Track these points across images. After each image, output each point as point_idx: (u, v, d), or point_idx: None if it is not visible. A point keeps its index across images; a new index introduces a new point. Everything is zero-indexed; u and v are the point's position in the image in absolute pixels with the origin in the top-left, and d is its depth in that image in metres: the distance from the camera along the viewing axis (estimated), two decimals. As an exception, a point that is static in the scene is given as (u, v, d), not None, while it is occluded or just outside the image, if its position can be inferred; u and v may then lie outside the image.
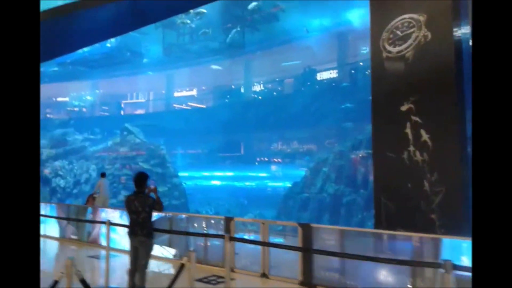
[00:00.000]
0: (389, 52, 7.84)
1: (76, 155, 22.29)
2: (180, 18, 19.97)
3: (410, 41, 7.45)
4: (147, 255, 4.89)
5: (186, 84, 26.66)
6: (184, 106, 27.18)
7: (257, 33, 21.76)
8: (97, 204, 11.32)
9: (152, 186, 5.13)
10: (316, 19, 22.97)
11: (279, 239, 7.56)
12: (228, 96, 25.61)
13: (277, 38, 22.97)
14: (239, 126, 23.23)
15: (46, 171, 24.08)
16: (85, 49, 24.41)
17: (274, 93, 26.03)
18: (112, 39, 24.21)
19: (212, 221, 7.38)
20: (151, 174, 18.48)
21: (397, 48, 7.75)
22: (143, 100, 29.48)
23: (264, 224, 6.10)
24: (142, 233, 4.84)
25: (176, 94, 28.01)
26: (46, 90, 29.33)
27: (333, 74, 25.33)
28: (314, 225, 5.69)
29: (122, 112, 27.94)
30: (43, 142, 24.81)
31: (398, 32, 7.70)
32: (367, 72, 24.05)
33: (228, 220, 6.66)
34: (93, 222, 8.14)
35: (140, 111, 27.96)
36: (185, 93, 28.05)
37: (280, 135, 24.62)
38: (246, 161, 24.17)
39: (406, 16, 7.45)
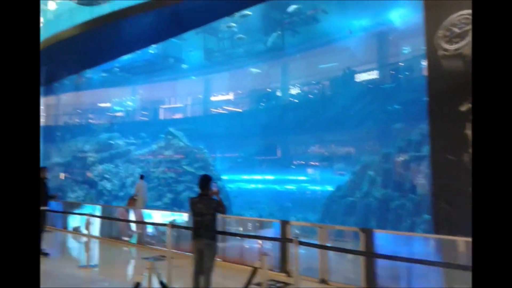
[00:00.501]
0: (446, 50, 7.58)
1: (122, 158, 23.04)
2: (225, 22, 20.19)
3: (468, 38, 7.14)
4: (213, 257, 4.92)
5: (224, 88, 26.92)
6: (220, 110, 27.50)
7: (296, 35, 21.66)
8: (138, 206, 11.77)
9: (214, 189, 5.17)
10: (356, 19, 22.57)
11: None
12: (265, 100, 25.65)
13: (317, 40, 22.76)
14: (277, 129, 23.17)
15: (89, 173, 25.14)
16: (129, 56, 25.34)
17: (310, 96, 25.79)
18: (154, 46, 24.95)
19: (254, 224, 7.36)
20: (195, 177, 18.81)
21: (455, 46, 7.47)
22: (181, 105, 30.10)
23: (322, 228, 6.00)
24: (207, 236, 4.88)
25: (213, 98, 28.41)
26: (90, 96, 30.84)
27: (373, 75, 24.82)
28: (376, 230, 5.52)
29: (162, 117, 28.61)
30: (88, 147, 25.92)
31: (455, 29, 7.42)
32: (407, 73, 23.59)
33: (284, 223, 6.61)
34: (155, 224, 8.28)
35: (179, 115, 28.56)
36: (222, 97, 28.38)
37: (319, 138, 24.33)
38: (284, 164, 24.08)
39: (464, 12, 7.17)
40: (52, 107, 32.94)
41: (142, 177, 13.44)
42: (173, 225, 6.50)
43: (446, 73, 7.49)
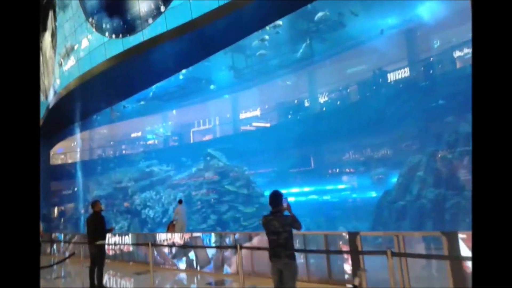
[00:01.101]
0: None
1: (162, 185, 23.30)
2: (253, 38, 20.21)
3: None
4: (294, 278, 4.67)
5: (255, 104, 26.92)
6: (253, 126, 27.50)
7: (324, 42, 21.49)
8: (177, 230, 11.73)
9: (285, 204, 4.96)
10: (382, 19, 22.19)
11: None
12: (296, 110, 25.42)
13: (344, 45, 22.50)
14: (312, 139, 22.84)
15: (126, 203, 25.54)
16: (159, 83, 25.91)
17: (339, 102, 25.35)
18: (184, 71, 25.41)
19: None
20: (237, 196, 18.72)
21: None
22: (214, 125, 30.35)
23: (398, 237, 5.65)
24: (286, 255, 4.64)
25: (245, 115, 28.46)
26: (125, 127, 31.65)
27: (404, 73, 24.22)
28: (461, 233, 5.11)
29: (197, 139, 28.87)
30: (128, 177, 26.39)
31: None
32: (439, 66, 22.84)
33: (353, 235, 6.30)
34: (222, 247, 8.06)
35: (213, 136, 28.76)
36: (253, 113, 28.40)
37: (355, 144, 23.74)
38: (322, 174, 23.64)
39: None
40: (89, 141, 34.11)
41: (180, 201, 13.55)
42: (241, 247, 6.30)
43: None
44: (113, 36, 17.75)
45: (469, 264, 4.98)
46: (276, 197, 4.84)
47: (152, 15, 14.90)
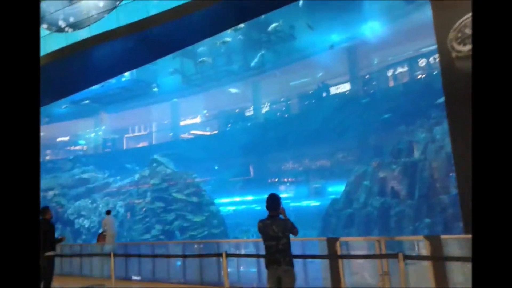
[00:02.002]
0: (459, 51, 7.68)
1: (99, 193, 21.76)
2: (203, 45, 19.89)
3: (481, 39, 7.29)
4: (293, 285, 4.49)
5: (202, 110, 26.41)
6: (187, 135, 26.90)
7: (275, 53, 21.83)
8: (107, 241, 11.63)
9: (280, 208, 4.78)
10: (329, 34, 23.18)
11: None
12: (240, 120, 25.45)
13: (292, 56, 23.06)
14: (253, 149, 23.01)
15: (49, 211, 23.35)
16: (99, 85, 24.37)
17: (281, 113, 25.88)
18: (127, 74, 24.20)
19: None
20: (186, 204, 18.05)
21: (468, 47, 7.57)
22: (145, 132, 29.09)
23: (380, 242, 5.74)
24: (285, 261, 4.44)
25: (192, 121, 27.82)
26: (58, 130, 29.22)
27: (346, 87, 25.52)
28: (444, 236, 5.30)
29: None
30: (59, 183, 24.30)
31: (467, 31, 7.56)
32: (374, 83, 24.46)
33: (332, 241, 6.30)
34: (208, 256, 7.47)
35: (143, 144, 27.49)
36: (199, 120, 27.90)
37: (300, 154, 24.32)
38: (264, 183, 23.85)
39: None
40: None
41: (108, 212, 13.33)
42: (227, 254, 5.95)
43: (461, 75, 7.60)
44: (54, 30, 16.32)
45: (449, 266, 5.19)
46: (275, 200, 4.64)
47: (103, 10, 13.94)
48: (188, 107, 26.55)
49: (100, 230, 12.99)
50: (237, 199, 21.74)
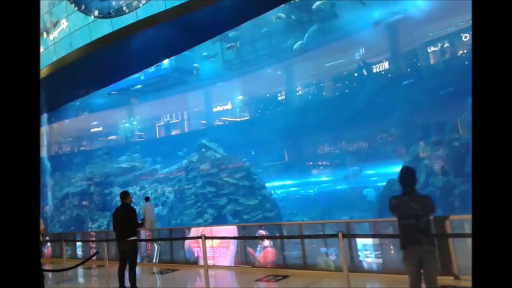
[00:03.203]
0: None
1: (147, 180, 22.05)
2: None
3: None
4: (436, 267, 4.21)
5: (244, 94, 26.10)
6: (219, 122, 26.73)
7: (316, 34, 21.25)
8: (147, 228, 11.73)
9: None
10: (371, 11, 22.36)
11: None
12: (280, 103, 25.10)
13: (333, 36, 22.42)
14: (296, 132, 22.66)
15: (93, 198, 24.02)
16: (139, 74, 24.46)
17: (326, 96, 25.35)
18: (166, 62, 24.18)
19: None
20: (238, 188, 18.04)
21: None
22: (177, 120, 29.07)
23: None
24: (427, 241, 4.16)
25: (224, 107, 27.69)
26: (102, 119, 29.73)
27: (387, 66, 24.69)
28: None
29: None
30: (106, 171, 24.79)
31: None
32: (418, 60, 23.46)
33: (441, 219, 6.02)
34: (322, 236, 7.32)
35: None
36: (227, 107, 27.72)
37: (341, 137, 23.78)
38: (312, 167, 23.60)
39: None
40: (56, 134, 31.62)
41: (147, 199, 13.66)
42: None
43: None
44: (99, 15, 16.23)
45: None
46: (411, 174, 4.33)
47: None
48: (227, 92, 26.40)
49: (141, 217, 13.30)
50: (277, 183, 21.64)
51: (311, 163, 23.86)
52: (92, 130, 30.61)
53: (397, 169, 17.71)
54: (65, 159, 29.21)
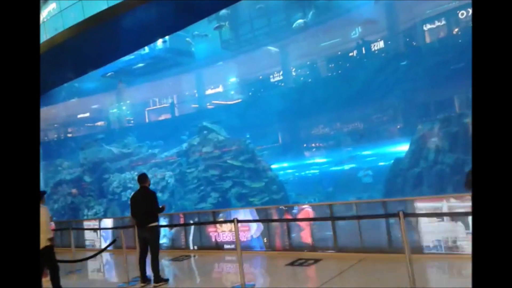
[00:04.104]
0: None
1: (145, 164, 21.47)
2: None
3: None
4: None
5: (240, 74, 25.45)
6: (216, 103, 26.17)
7: (314, 11, 20.65)
8: None
9: None
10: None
11: None
12: (286, 82, 24.57)
13: (331, 13, 21.88)
14: (294, 114, 22.29)
15: (73, 191, 23.42)
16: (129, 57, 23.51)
17: (328, 74, 24.92)
18: (160, 42, 23.31)
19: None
20: (243, 170, 17.63)
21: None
22: (167, 105, 28.38)
23: None
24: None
25: (217, 89, 27.06)
26: (93, 102, 28.79)
27: (386, 44, 24.34)
28: None
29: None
30: (101, 157, 24.07)
31: None
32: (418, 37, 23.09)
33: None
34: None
35: (165, 116, 26.69)
36: (219, 89, 27.09)
37: (340, 117, 23.51)
38: (304, 149, 23.33)
39: None
40: (49, 119, 30.53)
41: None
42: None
43: None
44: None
45: None
46: None
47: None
48: (224, 73, 25.72)
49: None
50: (274, 166, 21.36)
51: (311, 144, 23.62)
52: (83, 115, 29.68)
53: (402, 148, 17.63)
54: (56, 145, 28.32)
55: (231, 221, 6.17)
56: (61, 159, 27.47)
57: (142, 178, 7.47)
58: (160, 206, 7.39)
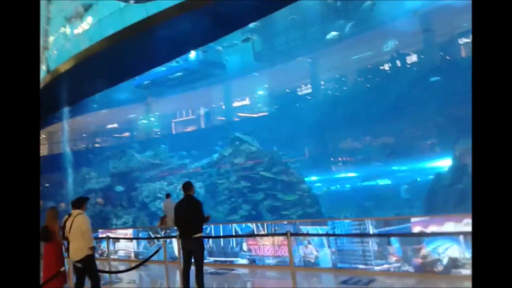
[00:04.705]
0: None
1: (175, 175, 21.42)
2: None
3: None
4: None
5: (275, 86, 25.28)
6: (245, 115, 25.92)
7: (349, 23, 20.40)
8: (169, 224, 11.34)
9: None
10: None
11: None
12: (310, 97, 24.31)
13: (368, 25, 21.54)
14: (326, 126, 21.83)
15: (99, 200, 23.41)
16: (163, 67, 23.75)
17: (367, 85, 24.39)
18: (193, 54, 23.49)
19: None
20: (275, 183, 17.29)
21: None
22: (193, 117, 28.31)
23: None
24: None
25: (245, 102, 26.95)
26: (125, 112, 29.23)
27: (421, 57, 23.79)
28: None
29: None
30: (131, 166, 24.21)
31: None
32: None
33: None
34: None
35: (191, 128, 26.53)
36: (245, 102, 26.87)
37: (372, 130, 22.89)
38: (332, 163, 22.82)
39: None
40: (76, 129, 31.12)
41: (168, 195, 13.67)
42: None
43: None
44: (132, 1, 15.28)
45: None
46: None
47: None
48: (252, 85, 25.66)
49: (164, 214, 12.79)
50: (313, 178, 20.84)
51: (340, 158, 23.11)
52: (113, 125, 30.14)
53: (441, 163, 16.92)
54: (87, 154, 28.75)
55: (284, 234, 5.85)
56: (89, 168, 27.82)
57: (187, 186, 7.18)
58: (206, 216, 7.12)
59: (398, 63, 23.61)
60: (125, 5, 16.00)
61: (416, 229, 6.54)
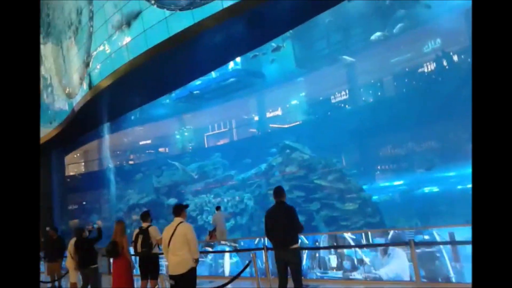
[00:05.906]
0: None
1: (222, 187, 21.13)
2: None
3: None
4: None
5: (321, 90, 24.61)
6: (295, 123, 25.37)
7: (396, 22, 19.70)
8: (218, 238, 11.37)
9: None
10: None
11: None
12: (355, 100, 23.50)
13: (414, 22, 20.75)
14: (370, 131, 20.97)
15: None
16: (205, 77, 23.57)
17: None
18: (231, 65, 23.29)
19: None
20: (332, 191, 16.62)
21: None
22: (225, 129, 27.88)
23: None
24: None
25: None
26: (166, 125, 29.28)
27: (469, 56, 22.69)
28: None
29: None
30: (175, 180, 24.01)
31: None
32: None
33: None
34: None
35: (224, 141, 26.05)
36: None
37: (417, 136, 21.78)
38: (378, 171, 21.83)
39: None
40: (116, 144, 31.22)
41: (218, 208, 13.40)
42: None
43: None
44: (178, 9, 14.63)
45: None
46: None
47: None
48: (298, 91, 25.06)
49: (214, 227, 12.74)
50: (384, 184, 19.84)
51: (386, 166, 22.12)
52: (155, 139, 30.28)
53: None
54: (130, 169, 28.95)
55: (405, 243, 5.26)
56: (127, 185, 27.87)
57: (279, 191, 6.54)
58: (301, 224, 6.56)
59: (445, 62, 22.63)
60: (170, 13, 15.39)
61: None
